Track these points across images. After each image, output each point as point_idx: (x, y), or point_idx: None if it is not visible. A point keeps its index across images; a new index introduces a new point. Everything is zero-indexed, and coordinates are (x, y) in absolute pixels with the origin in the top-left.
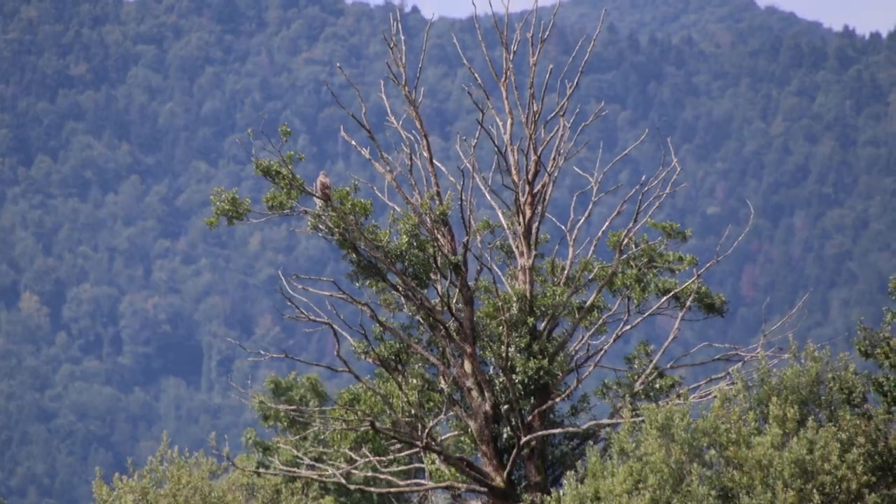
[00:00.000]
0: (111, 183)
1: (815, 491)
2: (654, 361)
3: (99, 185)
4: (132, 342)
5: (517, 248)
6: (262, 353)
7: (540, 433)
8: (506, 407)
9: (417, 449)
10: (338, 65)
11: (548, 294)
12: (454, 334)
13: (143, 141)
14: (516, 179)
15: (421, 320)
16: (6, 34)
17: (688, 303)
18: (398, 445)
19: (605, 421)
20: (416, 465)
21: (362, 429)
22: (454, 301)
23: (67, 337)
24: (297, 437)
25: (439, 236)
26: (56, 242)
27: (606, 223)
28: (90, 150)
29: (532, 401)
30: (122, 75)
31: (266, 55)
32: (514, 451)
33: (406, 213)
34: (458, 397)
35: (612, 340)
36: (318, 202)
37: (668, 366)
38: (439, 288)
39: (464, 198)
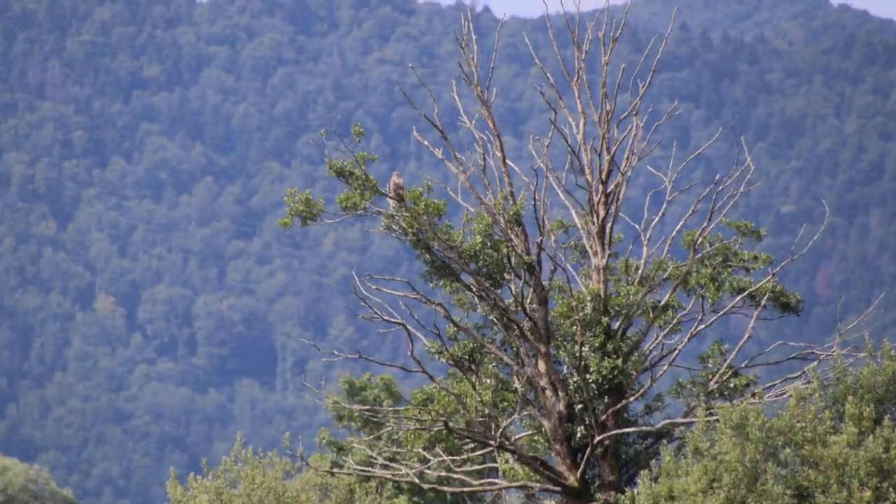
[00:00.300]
0: (185, 184)
1: (891, 489)
2: (728, 360)
3: (173, 187)
4: (207, 343)
5: (591, 247)
6: (336, 353)
7: (614, 432)
8: (580, 406)
9: (491, 448)
10: (410, 65)
11: (622, 293)
12: (528, 334)
13: (216, 142)
14: (590, 179)
15: (495, 320)
16: (80, 36)
17: (763, 301)
18: (472, 445)
19: (680, 420)
20: (490, 464)
21: (436, 428)
22: (528, 301)
23: (143, 338)
24: (371, 436)
25: (513, 236)
26: (131, 244)
27: (680, 222)
28: (164, 151)
29: (606, 400)
30: (195, 76)
31: (338, 55)
32: (588, 450)
33: (479, 213)
34: (531, 397)
35: (686, 339)
36: (392, 202)
37: (743, 365)
38: (513, 288)
39: (537, 197)
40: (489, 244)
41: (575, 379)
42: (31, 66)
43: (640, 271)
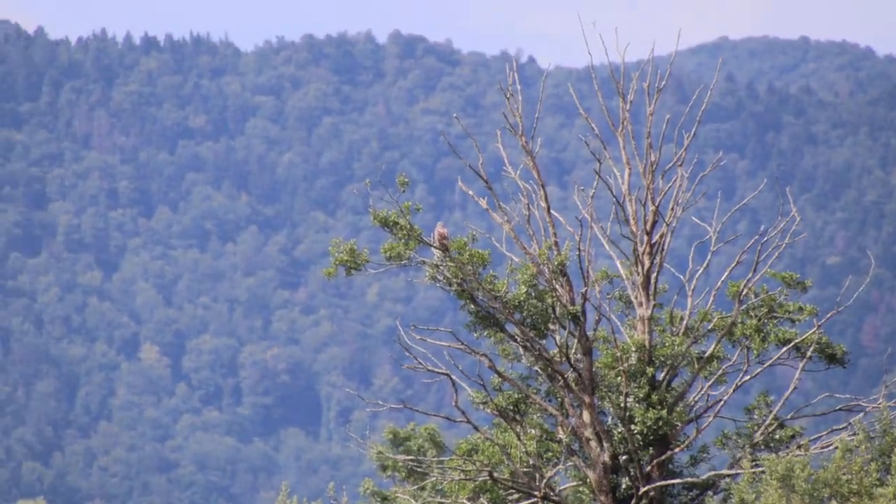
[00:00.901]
0: (231, 233)
1: None
2: (774, 412)
3: (218, 236)
4: (252, 393)
5: (636, 298)
6: (381, 403)
7: (659, 483)
8: (624, 457)
9: (536, 499)
10: (455, 115)
11: (667, 344)
12: (573, 384)
13: (262, 192)
14: (634, 229)
15: (539, 371)
16: (126, 86)
17: (808, 353)
18: (516, 496)
19: (725, 471)
20: None
21: (480, 479)
22: (573, 351)
23: (188, 388)
24: (416, 487)
25: (558, 286)
26: (176, 293)
27: (725, 273)
28: (210, 200)
29: (651, 451)
30: (240, 126)
31: (383, 105)
32: (633, 501)
33: (524, 263)
34: (576, 447)
35: (731, 391)
36: (436, 252)
37: (789, 416)
38: (558, 338)
39: (582, 248)
40: (534, 294)
41: (620, 430)
42: (78, 115)
43: (684, 322)
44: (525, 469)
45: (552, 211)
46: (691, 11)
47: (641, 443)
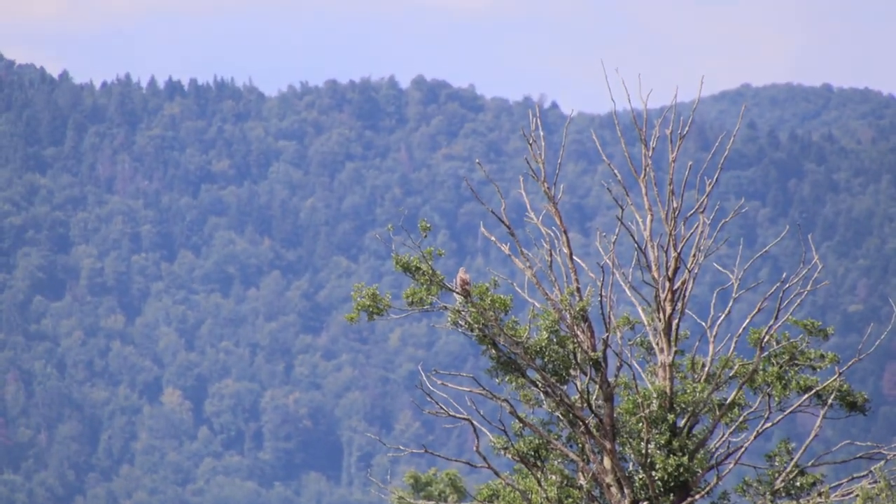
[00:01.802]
0: (253, 278)
1: None
2: (795, 459)
3: (241, 281)
4: (273, 437)
5: (657, 344)
6: (402, 448)
7: None
8: (645, 503)
9: None
10: (477, 161)
11: (688, 391)
12: (594, 430)
13: (284, 236)
14: (656, 276)
15: (560, 416)
16: (150, 130)
17: (829, 400)
18: None
19: None
20: None
21: None
22: (594, 397)
23: (209, 432)
24: None
25: (579, 332)
26: (198, 338)
27: (747, 320)
28: (232, 245)
29: (672, 497)
30: (263, 171)
31: (406, 151)
32: None
33: (546, 309)
34: (597, 494)
35: (752, 437)
36: (458, 298)
37: (810, 463)
38: (579, 384)
39: (603, 294)
40: (555, 340)
41: (640, 476)
42: (101, 159)
43: (706, 369)
44: None
45: (574, 257)
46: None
47: (662, 489)
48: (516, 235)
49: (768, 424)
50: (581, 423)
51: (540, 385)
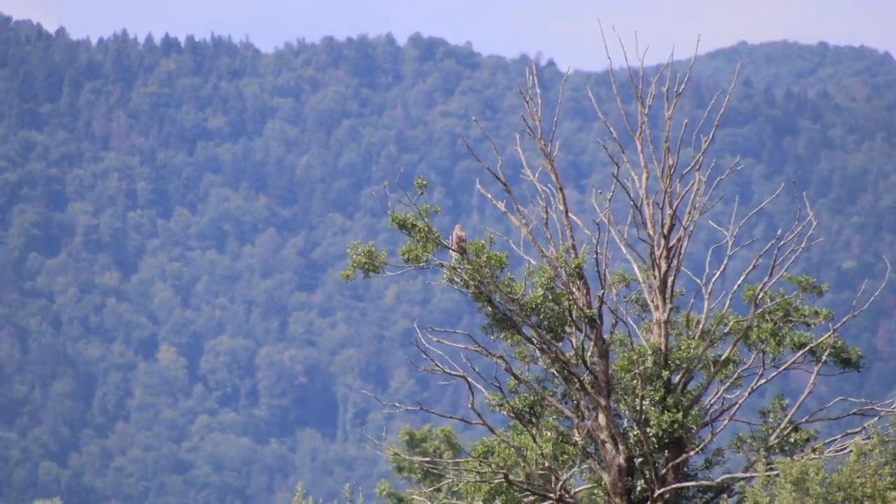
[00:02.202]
0: (248, 235)
1: None
2: (789, 415)
3: (236, 238)
4: (268, 394)
5: (652, 301)
6: (397, 405)
7: (674, 486)
8: (640, 460)
9: (551, 501)
10: (473, 118)
11: (682, 347)
12: (589, 387)
13: (280, 193)
14: (651, 233)
15: (556, 373)
16: (145, 87)
17: (823, 357)
18: (532, 498)
19: (740, 475)
20: None
21: (496, 481)
22: (589, 354)
23: (204, 388)
24: (431, 488)
25: (574, 289)
26: (194, 294)
27: (742, 277)
28: (228, 202)
29: (666, 454)
30: (259, 128)
31: (402, 108)
32: (648, 503)
33: (541, 266)
34: (592, 450)
35: (747, 394)
36: (454, 255)
37: (804, 420)
38: (574, 341)
39: (599, 251)
40: (550, 297)
41: (635, 432)
42: (97, 116)
43: (700, 325)
44: (541, 471)
45: (570, 214)
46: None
47: (657, 446)
48: (512, 192)
49: (762, 381)
50: (576, 380)
51: (535, 342)
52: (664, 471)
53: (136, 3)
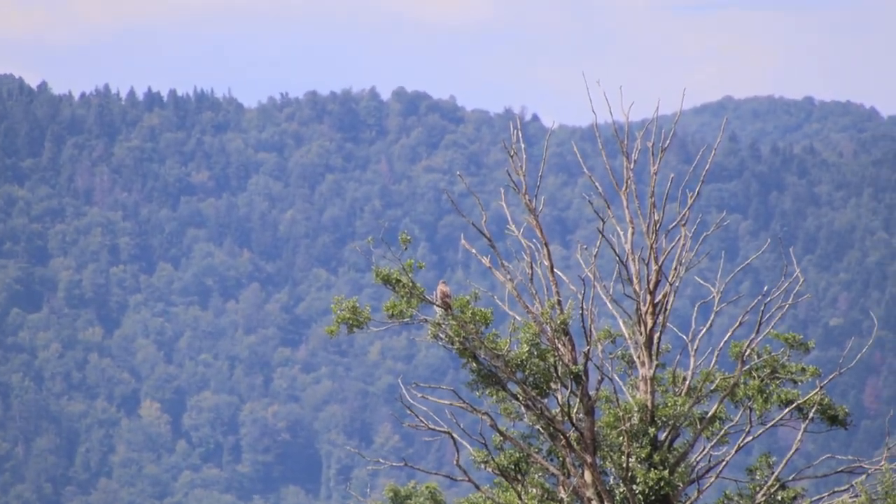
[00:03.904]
0: (232, 290)
1: None
2: (776, 473)
3: (220, 293)
4: (252, 450)
5: (638, 357)
6: (382, 461)
7: None
8: None
9: None
10: (458, 173)
11: (669, 404)
12: (574, 444)
13: (263, 248)
14: (637, 289)
15: (541, 430)
16: (129, 142)
17: (811, 414)
18: None
19: None
20: None
21: None
22: (575, 411)
23: (188, 445)
24: None
25: (560, 346)
26: (177, 350)
27: (728, 334)
28: (211, 257)
29: None
30: (242, 183)
31: (386, 163)
32: None
33: (526, 322)
34: None
35: (733, 451)
36: (439, 311)
37: (791, 477)
38: (560, 397)
39: (584, 307)
40: (536, 353)
41: (621, 490)
42: (80, 171)
43: (687, 382)
44: None
45: (555, 269)
46: (696, 71)
47: (643, 503)
48: (497, 248)
49: (749, 438)
50: (562, 437)
51: (521, 398)
52: None
53: (118, 57)
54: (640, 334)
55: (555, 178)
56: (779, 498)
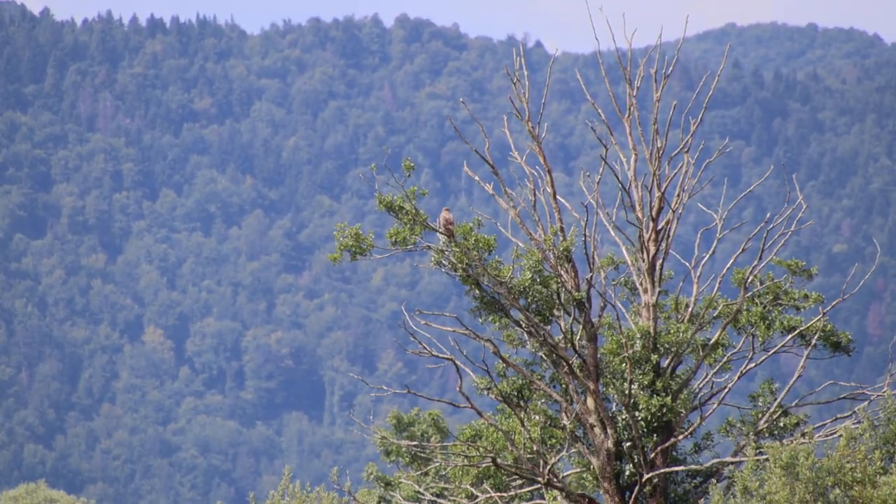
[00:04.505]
0: (235, 217)
1: None
2: (778, 399)
3: (223, 220)
4: (255, 377)
5: (641, 284)
6: (385, 388)
7: (662, 471)
8: (628, 444)
9: (539, 485)
10: (461, 100)
11: (671, 331)
12: (577, 371)
13: (266, 175)
14: (640, 216)
15: (544, 357)
16: (131, 68)
17: (813, 341)
18: (520, 482)
19: (729, 459)
20: (538, 501)
21: (484, 465)
22: (577, 338)
23: (191, 371)
24: (419, 472)
25: (563, 272)
26: (180, 276)
27: (731, 260)
28: (214, 184)
29: (655, 438)
30: (245, 109)
31: (389, 89)
32: (637, 488)
33: (529, 248)
34: (580, 434)
35: (736, 378)
36: (442, 237)
37: (793, 404)
38: (562, 324)
39: (587, 234)
40: (539, 280)
41: (624, 416)
42: (82, 97)
43: (690, 309)
44: (529, 455)
45: (558, 196)
46: None
47: (645, 430)
48: (500, 175)
49: (752, 365)
50: (564, 364)
51: (523, 325)
52: (653, 455)
53: None
54: (643, 261)
55: (558, 104)
56: (781, 424)
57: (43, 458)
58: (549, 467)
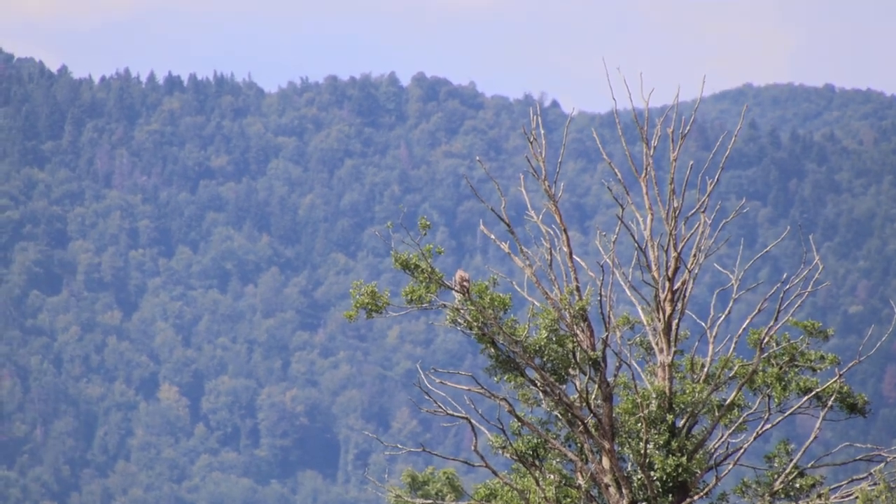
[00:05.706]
0: (251, 274)
1: None
2: (794, 460)
3: (238, 277)
4: (270, 434)
5: (657, 344)
6: (400, 446)
7: None
8: None
9: None
10: (477, 158)
11: (687, 391)
12: (592, 430)
13: (282, 233)
14: (656, 276)
15: (559, 416)
16: (148, 125)
17: (829, 402)
18: None
19: None
20: None
21: None
22: (593, 397)
23: (206, 428)
24: None
25: (578, 332)
26: (195, 334)
27: (747, 321)
28: (230, 241)
29: (670, 498)
30: (262, 167)
31: (405, 148)
32: None
33: (545, 307)
34: (595, 493)
35: (752, 439)
36: (457, 296)
37: (809, 465)
38: (578, 384)
39: (603, 293)
40: (554, 339)
41: (639, 476)
42: (100, 154)
43: (705, 369)
44: None
45: (574, 256)
46: (716, 58)
47: (661, 490)
48: (516, 234)
49: (768, 426)
50: (580, 423)
51: (539, 384)
52: None
53: (138, 41)
54: (659, 321)
55: (574, 164)
56: (797, 485)
57: None
58: None
